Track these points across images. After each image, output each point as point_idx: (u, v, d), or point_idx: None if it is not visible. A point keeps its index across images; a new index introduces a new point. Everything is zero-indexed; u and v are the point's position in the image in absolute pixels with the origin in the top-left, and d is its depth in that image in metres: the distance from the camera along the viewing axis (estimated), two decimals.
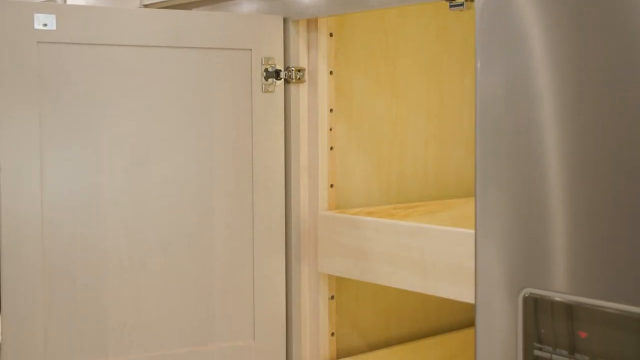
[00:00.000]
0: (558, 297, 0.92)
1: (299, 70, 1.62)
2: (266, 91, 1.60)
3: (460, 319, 1.97)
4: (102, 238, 1.47)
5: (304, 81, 1.63)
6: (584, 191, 0.90)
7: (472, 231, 1.34)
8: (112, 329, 1.48)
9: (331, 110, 1.66)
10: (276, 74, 1.61)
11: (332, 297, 1.68)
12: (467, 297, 1.36)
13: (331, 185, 1.67)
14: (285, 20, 1.61)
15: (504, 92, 0.97)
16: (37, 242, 1.42)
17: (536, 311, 0.95)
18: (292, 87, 1.63)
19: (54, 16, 1.42)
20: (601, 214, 0.88)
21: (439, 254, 1.40)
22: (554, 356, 0.93)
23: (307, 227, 1.65)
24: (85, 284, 1.46)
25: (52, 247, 1.44)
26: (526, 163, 0.95)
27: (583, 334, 0.90)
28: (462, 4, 1.30)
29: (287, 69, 1.62)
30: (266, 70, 1.59)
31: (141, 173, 1.50)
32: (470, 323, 1.98)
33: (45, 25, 1.42)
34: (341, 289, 1.72)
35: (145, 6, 1.81)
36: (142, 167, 1.50)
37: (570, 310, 0.91)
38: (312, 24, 1.62)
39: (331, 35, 1.65)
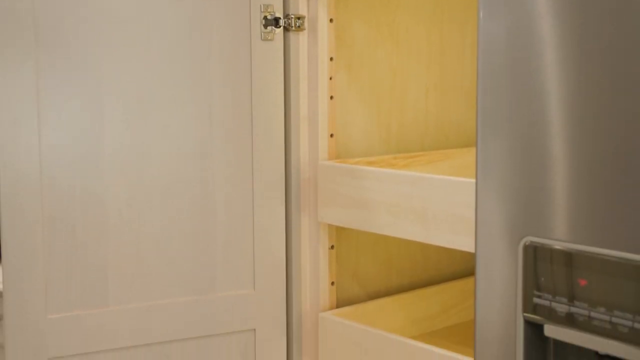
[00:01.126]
0: (558, 245, 0.92)
1: (298, 18, 1.60)
2: (265, 39, 1.58)
3: (459, 269, 1.98)
4: (102, 188, 1.47)
5: (304, 29, 1.61)
6: (585, 139, 0.89)
7: (473, 180, 1.34)
8: (112, 279, 1.49)
9: (331, 59, 1.65)
10: (275, 22, 1.58)
11: (332, 247, 1.69)
12: (467, 246, 1.36)
13: (331, 135, 1.66)
14: None
15: (506, 41, 0.96)
16: (35, 193, 1.42)
17: (536, 259, 0.95)
18: (292, 35, 1.61)
19: None
20: (602, 162, 0.88)
21: (439, 204, 1.40)
22: (553, 304, 0.93)
23: (307, 177, 1.65)
24: (85, 235, 1.46)
25: (51, 198, 1.43)
26: (527, 112, 0.94)
27: (582, 282, 0.90)
28: None
29: (286, 16, 1.59)
30: (265, 17, 1.57)
31: (140, 123, 1.49)
32: (469, 272, 2.00)
33: None
34: (341, 239, 1.72)
35: None
36: (141, 117, 1.49)
37: (570, 258, 0.91)
38: None
39: None
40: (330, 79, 1.65)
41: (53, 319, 1.44)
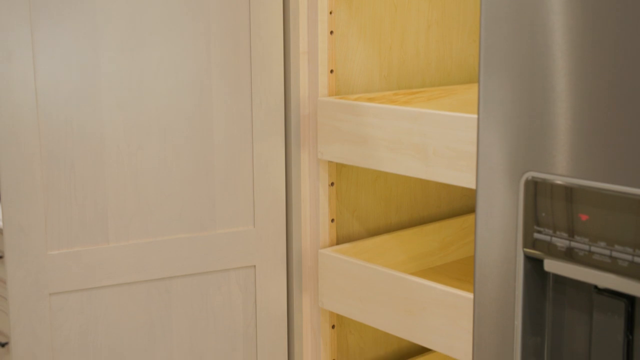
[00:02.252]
0: (559, 180, 0.92)
1: None
2: None
3: (459, 206, 1.98)
4: (99, 123, 1.46)
5: None
6: (587, 74, 0.88)
7: (475, 116, 1.33)
8: (111, 215, 1.49)
9: None
10: None
11: (332, 184, 1.68)
12: (468, 182, 1.36)
13: (331, 71, 1.64)
14: None
15: None
16: (32, 129, 1.40)
17: (537, 195, 0.94)
18: None
19: None
20: (604, 97, 0.86)
21: (440, 140, 1.39)
22: (553, 239, 0.93)
23: (306, 113, 1.63)
24: (83, 170, 1.45)
25: (48, 133, 1.42)
26: (530, 47, 0.93)
27: (584, 217, 0.89)
28: None
29: None
30: None
31: (137, 56, 1.47)
32: (469, 210, 2.00)
33: None
34: (341, 176, 1.72)
35: None
36: (138, 50, 1.47)
37: (571, 192, 0.90)
38: None
39: None
40: (330, 13, 1.62)
41: (53, 254, 1.44)
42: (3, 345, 2.92)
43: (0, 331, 2.96)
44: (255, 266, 1.63)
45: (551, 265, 0.94)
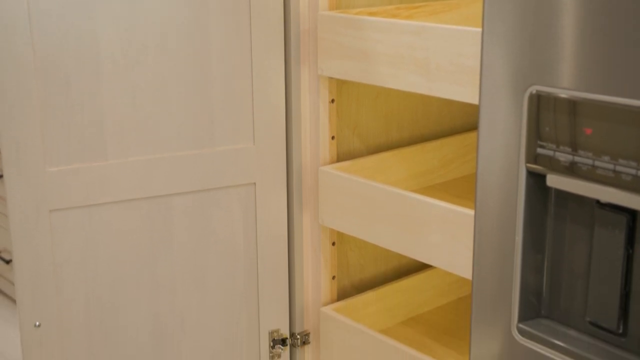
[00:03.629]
0: (564, 94, 0.90)
1: None
2: None
3: (460, 123, 1.96)
4: (95, 35, 1.43)
5: None
6: None
7: (479, 30, 1.30)
8: (109, 131, 1.47)
9: None
10: None
11: (333, 101, 1.66)
12: (471, 97, 1.34)
13: None
14: None
15: None
16: (26, 40, 1.37)
17: (541, 109, 0.93)
18: None
19: None
20: (609, 8, 0.84)
21: (443, 54, 1.37)
22: (556, 154, 0.92)
23: (306, 28, 1.60)
24: (79, 84, 1.43)
25: (43, 45, 1.39)
26: None
27: (588, 131, 0.88)
28: None
29: None
30: None
31: None
32: (470, 127, 1.98)
33: None
34: (342, 92, 1.70)
35: None
36: None
37: (575, 106, 0.89)
38: None
39: None
40: None
41: (52, 171, 1.44)
42: (7, 262, 2.96)
43: (5, 248, 2.99)
44: (255, 184, 1.63)
45: (554, 181, 0.93)
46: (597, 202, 0.92)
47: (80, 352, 1.52)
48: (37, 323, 1.47)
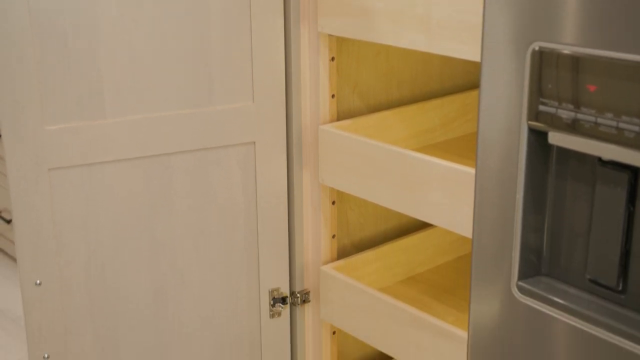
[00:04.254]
0: (567, 50, 0.89)
1: None
2: None
3: (461, 82, 1.95)
4: None
5: None
6: None
7: None
8: (107, 90, 1.46)
9: None
10: None
11: (333, 59, 1.65)
12: (473, 55, 1.32)
13: None
14: None
15: None
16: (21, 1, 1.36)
17: (543, 65, 0.92)
18: None
19: None
20: None
21: (444, 10, 1.35)
22: (559, 111, 0.91)
23: None
24: (77, 42, 1.41)
25: (39, 4, 1.37)
26: None
27: (591, 87, 0.87)
28: None
29: None
30: None
31: None
32: (472, 86, 1.97)
33: None
34: (342, 50, 1.68)
35: None
36: None
37: (578, 62, 0.88)
38: None
39: None
40: None
41: (51, 130, 1.43)
42: (8, 221, 2.96)
43: (5, 208, 2.99)
44: (254, 143, 1.62)
45: (556, 138, 0.92)
46: (599, 159, 0.91)
47: (81, 310, 1.53)
48: (38, 281, 1.48)
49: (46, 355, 1.51)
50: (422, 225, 1.94)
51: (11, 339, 2.54)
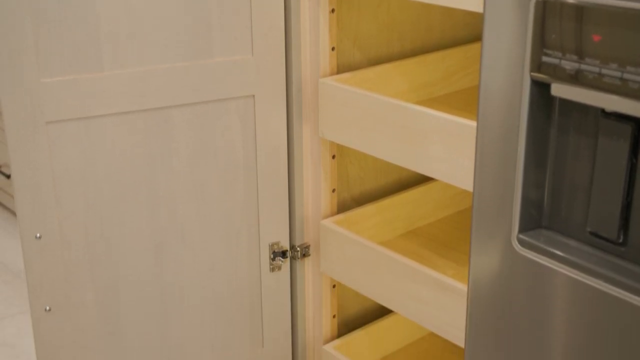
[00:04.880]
0: None
1: None
2: None
3: (463, 34, 1.92)
4: None
5: None
6: None
7: None
8: (105, 42, 1.44)
9: None
10: None
11: (333, 11, 1.62)
12: (475, 5, 1.30)
13: None
14: None
15: None
16: None
17: (547, 15, 0.90)
18: None
19: None
20: None
21: None
22: (562, 62, 0.90)
23: None
24: None
25: None
26: None
27: (596, 37, 0.85)
28: None
29: None
30: None
31: None
32: (473, 38, 1.94)
33: None
34: (342, 2, 1.66)
35: None
36: None
37: (583, 12, 0.86)
38: None
39: None
40: None
41: (47, 82, 1.41)
42: (8, 176, 2.96)
43: (5, 163, 2.99)
44: (254, 96, 1.61)
45: (558, 90, 0.91)
46: (602, 111, 0.90)
47: (81, 263, 1.53)
48: (38, 235, 1.48)
49: (48, 308, 1.52)
50: (423, 180, 1.94)
51: (14, 292, 2.56)
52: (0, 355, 2.22)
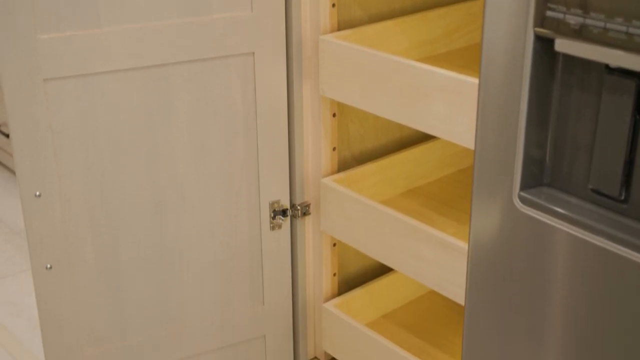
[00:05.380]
0: None
1: None
2: None
3: None
4: None
5: None
6: None
7: None
8: None
9: None
10: None
11: None
12: None
13: None
14: None
15: None
16: None
17: None
18: None
19: None
20: None
21: None
22: (566, 16, 0.88)
23: None
24: None
25: None
26: None
27: None
28: None
29: None
30: None
31: None
32: None
33: None
34: None
35: None
36: None
37: None
38: None
39: None
40: None
41: (44, 39, 1.39)
42: (7, 135, 2.95)
43: (4, 122, 2.97)
44: (254, 53, 1.59)
45: (562, 45, 0.90)
46: (606, 67, 0.89)
47: (81, 222, 1.53)
48: (38, 193, 1.47)
49: (48, 266, 1.52)
50: (423, 138, 1.93)
51: (15, 251, 2.57)
52: (2, 313, 2.24)
